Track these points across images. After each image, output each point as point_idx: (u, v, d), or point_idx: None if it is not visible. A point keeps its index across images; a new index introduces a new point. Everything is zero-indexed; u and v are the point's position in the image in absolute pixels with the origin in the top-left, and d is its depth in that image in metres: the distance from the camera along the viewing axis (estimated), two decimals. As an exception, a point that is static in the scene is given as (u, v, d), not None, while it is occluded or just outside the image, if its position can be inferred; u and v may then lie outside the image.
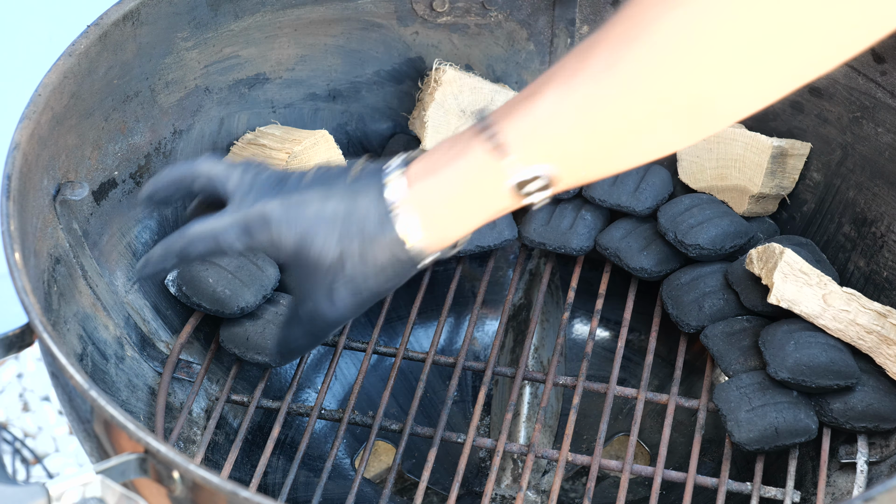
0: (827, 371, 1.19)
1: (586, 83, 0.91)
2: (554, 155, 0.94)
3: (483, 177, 0.96)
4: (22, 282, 1.02)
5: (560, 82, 0.93)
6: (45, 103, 1.14)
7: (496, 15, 1.40)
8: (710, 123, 0.92)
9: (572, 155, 0.94)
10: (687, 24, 0.87)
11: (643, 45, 0.89)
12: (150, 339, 1.28)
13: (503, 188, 0.96)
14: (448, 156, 0.98)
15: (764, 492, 1.19)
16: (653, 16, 0.88)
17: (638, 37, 0.89)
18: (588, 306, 1.42)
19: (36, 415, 1.94)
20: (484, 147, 0.96)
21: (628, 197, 1.34)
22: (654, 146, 0.94)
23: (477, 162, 0.96)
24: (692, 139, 0.93)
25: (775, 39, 0.86)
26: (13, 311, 1.83)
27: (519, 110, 0.95)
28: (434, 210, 0.99)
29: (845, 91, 1.32)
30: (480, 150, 0.96)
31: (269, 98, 1.37)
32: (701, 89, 0.89)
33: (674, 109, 0.91)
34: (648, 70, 0.89)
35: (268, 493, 1.28)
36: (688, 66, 0.88)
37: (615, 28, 0.90)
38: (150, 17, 1.24)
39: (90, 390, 0.95)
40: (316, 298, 1.05)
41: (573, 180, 0.96)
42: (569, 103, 0.92)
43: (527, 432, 1.37)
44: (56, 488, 0.92)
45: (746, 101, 0.91)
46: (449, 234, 1.00)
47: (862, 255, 1.32)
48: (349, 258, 1.01)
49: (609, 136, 0.93)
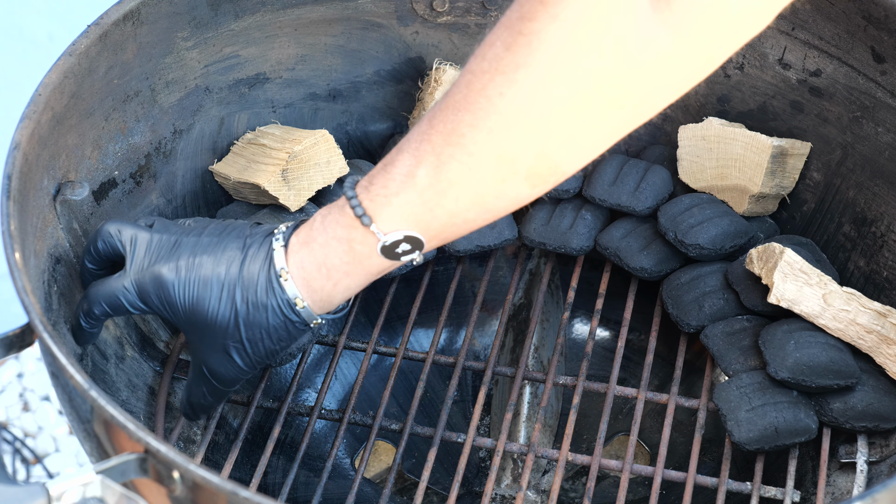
0: (827, 371, 1.19)
1: (436, 149, 0.99)
2: (412, 220, 1.01)
3: (353, 245, 1.04)
4: (22, 282, 1.02)
5: (412, 149, 1.00)
6: (46, 103, 1.14)
7: (496, 15, 1.40)
8: (552, 178, 1.00)
9: (429, 216, 1.01)
10: (521, 96, 0.95)
11: (480, 111, 0.96)
12: (150, 338, 1.28)
13: (374, 252, 1.03)
14: (322, 227, 1.05)
15: (764, 491, 1.19)
16: (493, 88, 0.95)
17: (475, 100, 0.96)
18: (588, 306, 1.42)
19: (36, 415, 1.94)
20: (349, 219, 1.03)
21: (628, 196, 1.34)
22: (505, 203, 1.01)
23: (345, 233, 1.04)
24: (537, 193, 1.01)
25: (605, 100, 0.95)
26: (13, 311, 1.84)
27: (377, 181, 1.02)
28: (313, 278, 1.06)
29: (845, 91, 1.32)
30: (346, 221, 1.03)
31: (269, 98, 1.37)
32: (542, 149, 0.97)
33: (518, 170, 0.98)
34: (489, 132, 0.96)
35: (268, 492, 1.28)
36: (526, 129, 0.96)
37: (456, 96, 0.98)
38: (151, 17, 1.24)
39: (90, 390, 0.95)
40: (214, 359, 1.11)
41: (438, 241, 1.04)
42: (422, 168, 0.99)
43: (527, 432, 1.37)
44: (56, 488, 0.92)
45: (583, 154, 0.99)
46: (333, 298, 1.07)
47: (862, 255, 1.32)
48: (241, 321, 1.08)
49: (465, 198, 1.00)
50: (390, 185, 1.01)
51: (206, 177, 1.35)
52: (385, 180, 1.01)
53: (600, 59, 0.93)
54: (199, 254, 1.09)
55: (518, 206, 1.02)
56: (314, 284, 1.06)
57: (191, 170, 1.34)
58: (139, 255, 1.10)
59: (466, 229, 1.04)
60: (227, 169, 1.33)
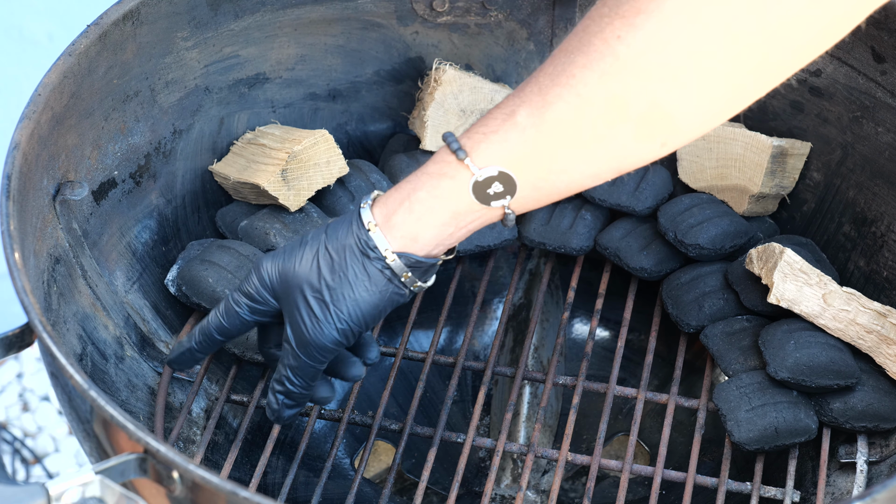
0: (827, 371, 1.19)
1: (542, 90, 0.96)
2: (508, 159, 0.98)
3: (443, 180, 1.01)
4: (22, 282, 1.02)
5: (515, 93, 0.98)
6: (45, 103, 1.14)
7: (496, 15, 1.40)
8: (666, 134, 0.96)
9: (527, 157, 0.98)
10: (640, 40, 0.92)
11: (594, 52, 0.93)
12: (149, 338, 1.28)
13: (464, 189, 1.00)
14: (416, 171, 1.03)
15: (764, 491, 1.19)
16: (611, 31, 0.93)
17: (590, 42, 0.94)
18: (588, 306, 1.42)
19: (36, 415, 1.94)
20: (444, 155, 1.01)
21: (628, 196, 1.34)
22: (611, 157, 0.97)
23: (437, 168, 1.01)
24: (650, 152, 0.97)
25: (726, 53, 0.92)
26: (13, 311, 1.83)
27: (476, 123, 1.00)
28: (394, 212, 1.03)
29: (845, 91, 1.32)
30: (440, 157, 1.01)
31: (269, 98, 1.37)
32: (656, 97, 0.94)
33: (629, 116, 0.94)
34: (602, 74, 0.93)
35: (267, 492, 1.28)
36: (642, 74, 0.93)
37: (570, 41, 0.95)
38: (150, 17, 1.24)
39: (90, 390, 0.95)
40: (299, 320, 1.07)
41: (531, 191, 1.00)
42: (523, 108, 0.97)
43: (526, 432, 1.37)
44: (56, 488, 0.92)
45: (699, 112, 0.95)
46: (417, 236, 1.03)
47: (862, 255, 1.32)
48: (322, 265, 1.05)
49: (567, 142, 0.97)
50: (490, 125, 0.99)
51: (205, 177, 1.35)
52: (485, 120, 0.99)
53: (726, 8, 0.90)
54: None
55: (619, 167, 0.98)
56: (395, 219, 1.03)
57: (190, 170, 1.34)
58: None
59: (561, 185, 1.00)
60: (226, 169, 1.33)
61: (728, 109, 0.95)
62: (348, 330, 1.07)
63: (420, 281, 1.06)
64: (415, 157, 1.37)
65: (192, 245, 1.32)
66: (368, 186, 1.34)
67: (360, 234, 1.04)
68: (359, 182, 1.34)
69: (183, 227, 1.34)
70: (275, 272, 1.08)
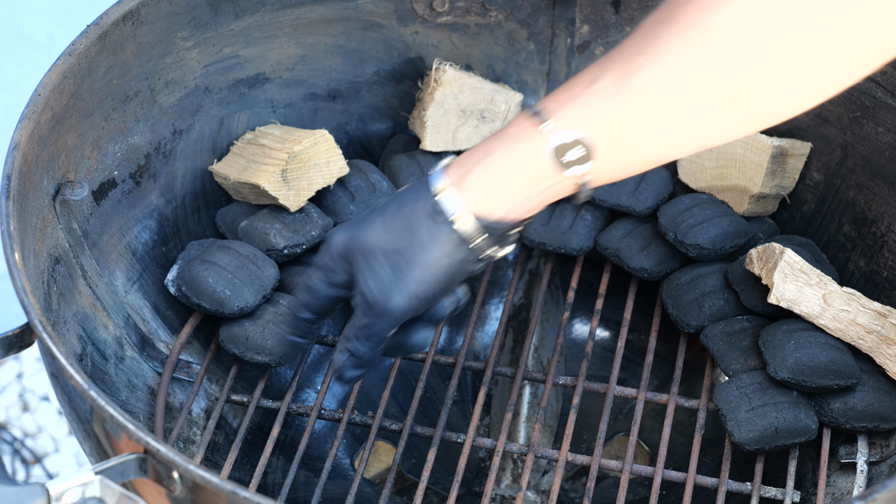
0: (827, 371, 1.19)
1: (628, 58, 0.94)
2: (590, 121, 0.96)
3: (520, 142, 0.99)
4: (22, 282, 1.02)
5: (599, 62, 0.96)
6: (45, 103, 1.14)
7: (496, 15, 1.40)
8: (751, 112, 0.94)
9: (609, 123, 0.96)
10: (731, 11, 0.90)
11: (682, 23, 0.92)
12: (149, 339, 1.28)
13: (541, 152, 0.98)
14: (490, 137, 1.01)
15: (764, 492, 1.19)
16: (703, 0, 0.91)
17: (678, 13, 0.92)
18: (588, 306, 1.42)
19: (35, 415, 1.94)
20: (522, 119, 0.99)
21: (628, 197, 1.34)
22: (694, 129, 0.96)
23: (514, 131, 0.99)
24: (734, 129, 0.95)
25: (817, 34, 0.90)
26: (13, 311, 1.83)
27: (558, 89, 0.98)
28: (468, 172, 1.01)
29: (845, 91, 1.32)
30: (520, 120, 0.99)
31: (269, 98, 1.37)
32: (743, 72, 0.92)
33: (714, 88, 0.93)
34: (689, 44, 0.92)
35: (267, 493, 1.28)
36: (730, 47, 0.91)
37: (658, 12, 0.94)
38: (150, 17, 1.24)
39: (90, 390, 0.95)
40: (369, 280, 1.05)
41: (610, 161, 0.98)
42: (607, 75, 0.95)
43: (527, 432, 1.37)
44: (56, 488, 0.92)
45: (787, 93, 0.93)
46: (490, 199, 1.01)
47: (862, 255, 1.32)
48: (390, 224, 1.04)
49: (649, 110, 0.95)
50: (572, 90, 0.97)
51: (205, 177, 1.35)
52: (566, 87, 0.98)
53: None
54: None
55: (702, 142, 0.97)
56: (470, 179, 1.01)
57: (190, 170, 1.34)
58: None
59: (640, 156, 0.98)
60: (226, 169, 1.33)
61: (815, 95, 0.94)
62: (415, 295, 1.05)
63: (490, 249, 1.04)
64: (415, 157, 1.37)
65: (192, 245, 1.32)
66: (368, 186, 1.34)
67: (429, 198, 1.02)
68: (359, 182, 1.34)
69: (183, 228, 1.34)
70: (346, 240, 1.07)
